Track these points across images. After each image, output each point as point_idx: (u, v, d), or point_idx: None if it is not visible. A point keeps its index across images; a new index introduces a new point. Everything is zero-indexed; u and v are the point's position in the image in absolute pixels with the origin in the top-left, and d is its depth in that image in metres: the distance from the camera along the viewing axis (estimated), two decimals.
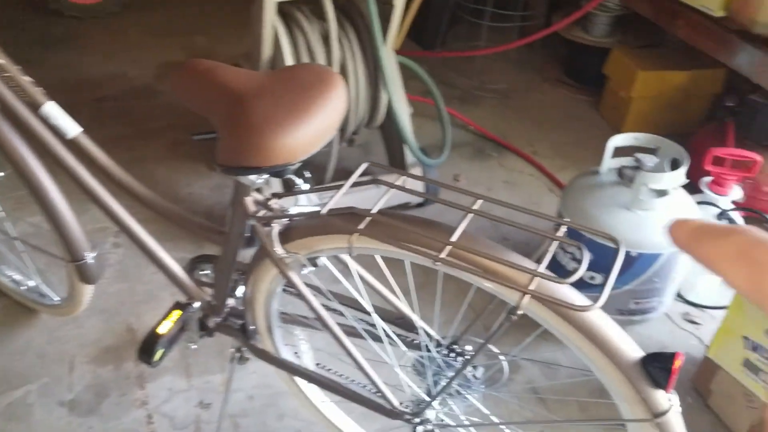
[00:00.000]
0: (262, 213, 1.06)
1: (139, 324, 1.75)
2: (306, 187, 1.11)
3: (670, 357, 0.74)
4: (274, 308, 1.25)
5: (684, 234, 0.32)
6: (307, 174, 1.11)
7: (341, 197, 0.94)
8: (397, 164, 2.11)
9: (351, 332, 1.20)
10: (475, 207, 0.92)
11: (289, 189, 1.10)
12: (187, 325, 1.20)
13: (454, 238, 0.87)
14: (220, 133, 0.92)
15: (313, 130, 0.92)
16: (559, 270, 1.69)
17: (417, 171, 2.07)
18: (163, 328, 1.13)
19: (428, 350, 1.16)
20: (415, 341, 1.18)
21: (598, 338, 0.81)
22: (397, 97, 1.91)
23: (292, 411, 1.55)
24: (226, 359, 1.66)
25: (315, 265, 1.09)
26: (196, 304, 1.22)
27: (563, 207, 1.66)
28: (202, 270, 1.38)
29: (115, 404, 1.56)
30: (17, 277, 1.74)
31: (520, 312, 0.80)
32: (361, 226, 0.90)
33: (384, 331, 1.16)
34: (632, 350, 0.84)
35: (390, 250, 0.96)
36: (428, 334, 1.17)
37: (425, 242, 0.90)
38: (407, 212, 2.11)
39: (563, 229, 0.89)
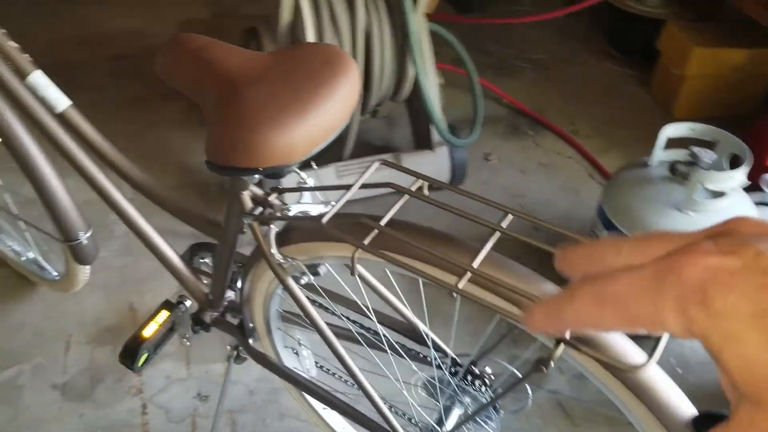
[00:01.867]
0: (259, 211, 0.92)
1: (141, 303, 1.65)
2: (311, 183, 0.97)
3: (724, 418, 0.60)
4: (274, 309, 1.13)
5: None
6: (315, 166, 0.97)
7: (345, 201, 0.80)
8: (422, 141, 1.96)
9: (352, 339, 1.07)
10: (505, 224, 0.77)
11: (293, 184, 0.97)
12: (177, 325, 1.09)
13: (476, 262, 0.73)
14: (208, 124, 0.79)
15: (317, 125, 0.77)
16: None
17: (443, 150, 1.91)
18: (148, 331, 1.02)
19: (442, 370, 1.03)
20: (427, 358, 1.05)
21: (649, 398, 0.67)
22: (425, 70, 1.75)
23: (293, 410, 1.44)
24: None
25: (316, 273, 0.95)
26: (188, 303, 1.10)
27: (605, 200, 1.50)
28: (202, 258, 1.26)
29: (109, 390, 1.47)
30: (17, 247, 1.65)
31: (552, 364, 0.66)
32: (367, 240, 0.76)
33: (390, 343, 1.03)
34: (685, 409, 0.70)
35: (399, 269, 0.82)
36: (442, 351, 1.04)
37: (442, 264, 0.75)
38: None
39: None
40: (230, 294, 1.19)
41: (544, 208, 1.98)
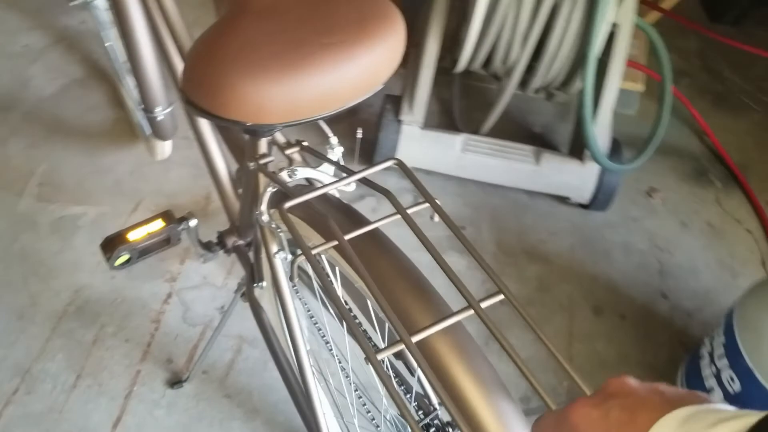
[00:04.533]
0: (266, 160, 0.78)
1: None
2: (336, 154, 0.81)
3: None
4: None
5: None
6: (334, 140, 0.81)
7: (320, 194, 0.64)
8: (577, 147, 1.68)
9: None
10: (486, 303, 0.57)
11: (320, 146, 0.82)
12: (174, 239, 1.00)
13: (420, 336, 0.53)
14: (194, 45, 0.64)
15: (313, 89, 0.61)
16: None
17: (593, 166, 1.63)
18: (134, 235, 0.94)
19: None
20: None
21: None
22: (594, 65, 1.46)
23: None
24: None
25: (293, 254, 0.81)
26: (192, 223, 1.00)
27: (740, 311, 1.18)
28: None
29: (147, 266, 1.45)
30: (135, 96, 1.66)
31: None
32: (318, 249, 0.59)
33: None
34: None
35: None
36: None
37: (389, 316, 0.57)
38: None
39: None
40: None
41: (685, 274, 1.64)
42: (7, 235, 1.45)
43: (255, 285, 1.08)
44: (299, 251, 0.57)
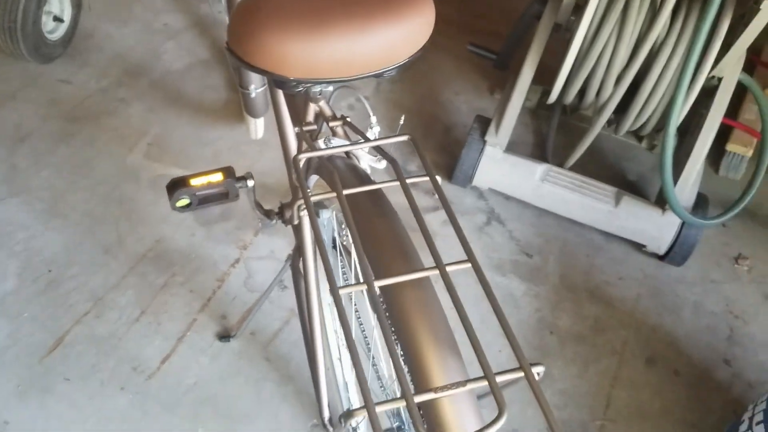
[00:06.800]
0: (309, 128, 0.86)
1: None
2: (373, 133, 0.88)
3: None
4: (324, 237, 1.07)
5: None
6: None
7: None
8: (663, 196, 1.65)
9: None
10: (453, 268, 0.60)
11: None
12: (232, 195, 1.09)
13: (391, 280, 0.58)
14: None
15: (323, 51, 0.68)
16: None
17: (674, 218, 1.58)
18: (196, 182, 1.03)
19: None
20: None
21: None
22: (680, 115, 1.44)
23: None
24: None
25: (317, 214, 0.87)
26: (250, 183, 1.09)
27: None
28: None
29: (225, 231, 1.57)
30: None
31: None
32: (317, 198, 0.65)
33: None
34: None
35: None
36: None
37: (363, 265, 0.62)
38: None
39: None
40: None
41: (755, 346, 1.56)
42: (112, 181, 1.62)
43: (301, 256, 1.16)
44: (300, 198, 0.64)
